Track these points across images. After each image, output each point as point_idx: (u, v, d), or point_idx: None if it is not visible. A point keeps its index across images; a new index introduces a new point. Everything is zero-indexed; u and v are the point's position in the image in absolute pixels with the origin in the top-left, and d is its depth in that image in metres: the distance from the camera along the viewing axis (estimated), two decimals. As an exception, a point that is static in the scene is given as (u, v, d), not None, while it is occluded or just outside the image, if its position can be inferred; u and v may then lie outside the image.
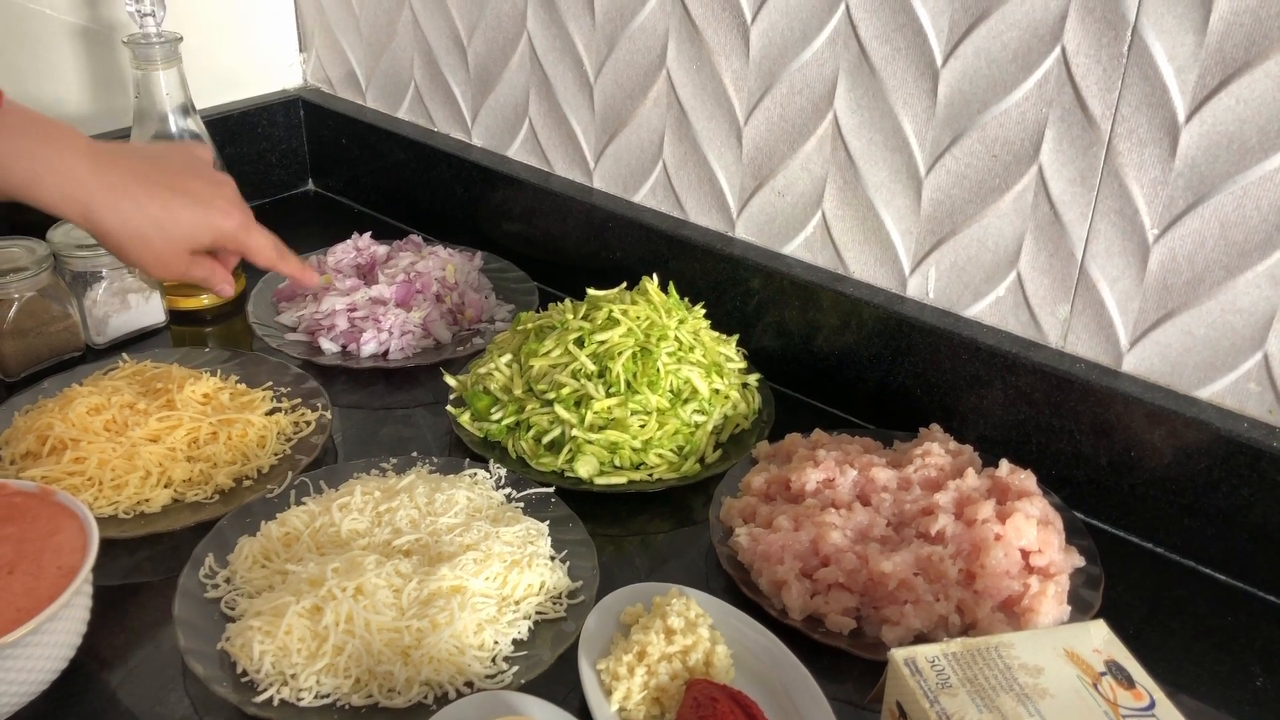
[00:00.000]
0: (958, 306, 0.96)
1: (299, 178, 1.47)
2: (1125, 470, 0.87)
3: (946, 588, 0.76)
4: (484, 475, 0.88)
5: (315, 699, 0.69)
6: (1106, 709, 0.62)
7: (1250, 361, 0.81)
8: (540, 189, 1.20)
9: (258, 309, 1.14)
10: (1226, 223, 0.79)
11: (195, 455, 0.89)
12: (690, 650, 0.71)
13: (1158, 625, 0.80)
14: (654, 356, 0.94)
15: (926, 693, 0.63)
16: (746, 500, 0.87)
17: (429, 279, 1.12)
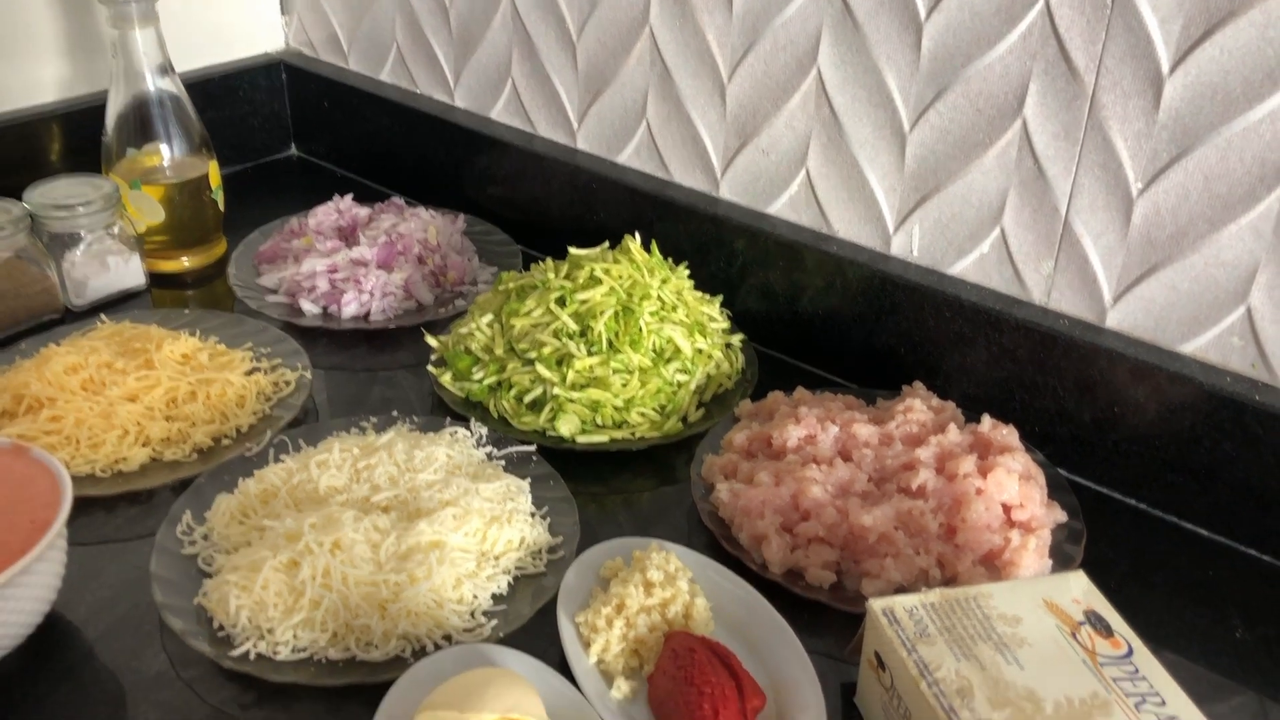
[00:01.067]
0: (942, 264, 0.95)
1: (281, 142, 1.46)
2: (1108, 427, 0.87)
3: (927, 541, 0.76)
4: (464, 433, 0.87)
5: (292, 653, 0.69)
6: (1084, 657, 0.62)
7: (1233, 315, 0.81)
8: (524, 150, 1.19)
9: (238, 271, 1.13)
10: (1210, 175, 0.78)
11: (173, 414, 0.88)
12: (669, 603, 0.71)
13: (1139, 580, 0.80)
14: (636, 315, 0.93)
15: (904, 642, 0.63)
16: (728, 457, 0.86)
17: (411, 241, 1.11)
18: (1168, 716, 0.59)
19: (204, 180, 1.14)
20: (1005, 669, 0.61)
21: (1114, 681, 0.61)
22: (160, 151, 1.13)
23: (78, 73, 1.24)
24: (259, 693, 0.68)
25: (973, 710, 0.58)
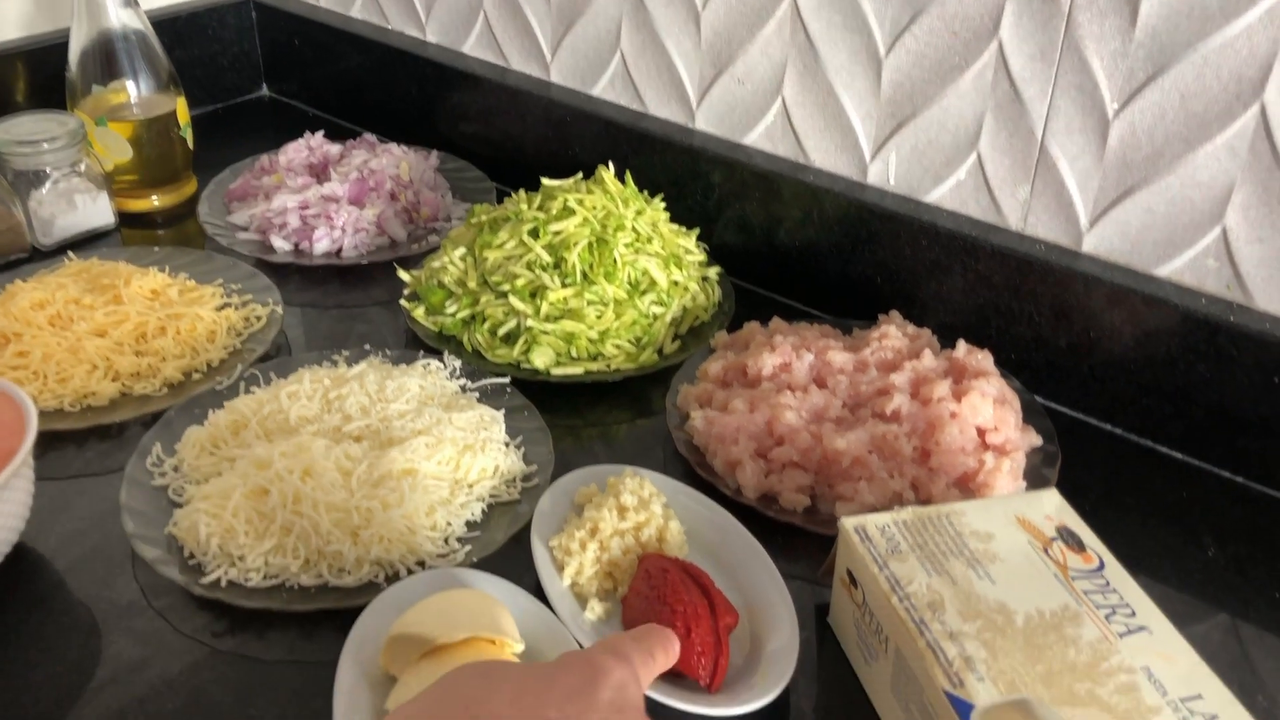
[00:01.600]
0: (918, 192, 0.94)
1: (252, 82, 1.43)
2: (1084, 352, 0.87)
3: (901, 465, 0.76)
4: (437, 365, 0.87)
5: (263, 579, 0.68)
6: (1056, 571, 0.62)
7: (1209, 237, 0.81)
8: (497, 85, 1.17)
9: (209, 209, 1.11)
10: (1186, 94, 0.78)
11: (143, 349, 0.87)
12: (643, 526, 0.71)
13: (1114, 502, 0.80)
14: (610, 247, 0.92)
15: (876, 558, 0.63)
16: (703, 386, 0.86)
17: (383, 177, 1.10)
18: (1137, 626, 0.59)
19: (172, 117, 1.12)
20: (976, 583, 0.61)
21: (1085, 594, 0.61)
22: (126, 88, 1.11)
23: (41, 8, 1.22)
24: (231, 620, 0.68)
25: (943, 623, 0.58)
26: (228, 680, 0.64)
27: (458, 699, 0.46)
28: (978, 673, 0.55)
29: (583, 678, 0.48)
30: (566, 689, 0.47)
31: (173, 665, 0.65)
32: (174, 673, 0.64)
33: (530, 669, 0.49)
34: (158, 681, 0.64)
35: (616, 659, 0.50)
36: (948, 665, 0.56)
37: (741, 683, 0.63)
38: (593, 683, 0.48)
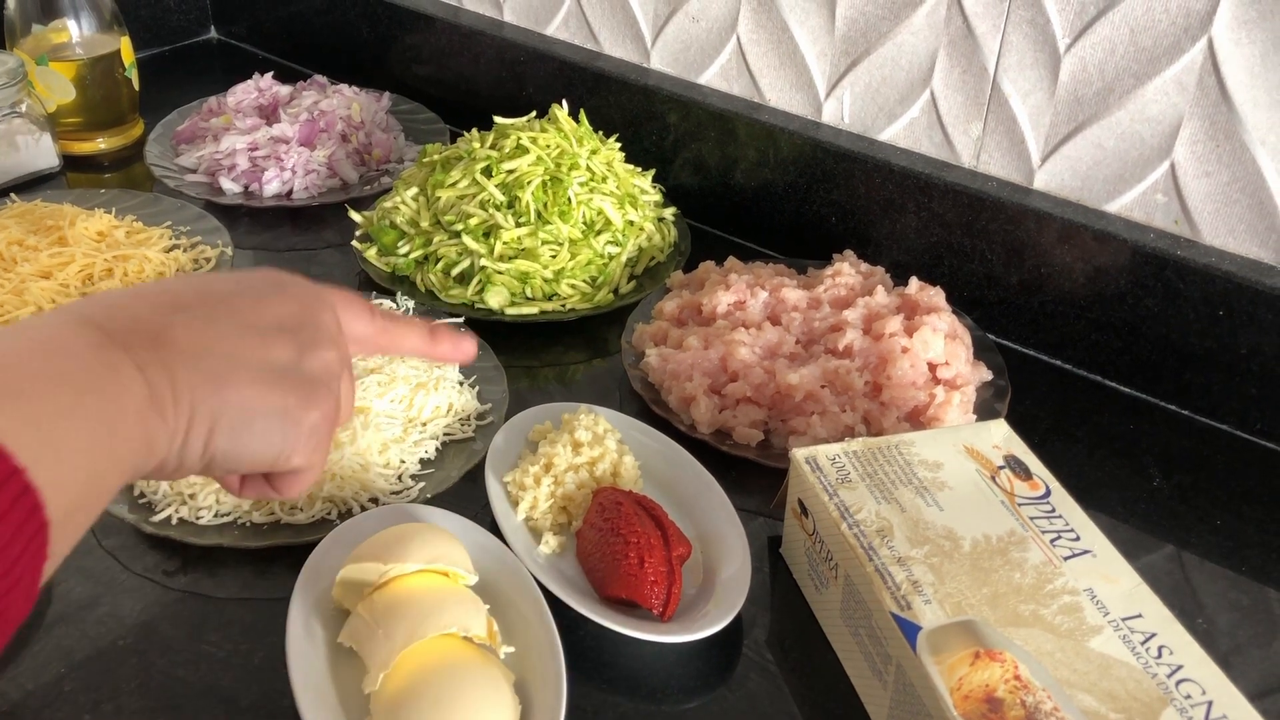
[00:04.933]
0: (872, 130, 0.94)
1: (199, 24, 1.40)
2: (1035, 289, 0.87)
3: (853, 399, 0.76)
4: (390, 305, 0.86)
5: (215, 517, 0.68)
6: (1003, 498, 0.63)
7: (1158, 171, 0.81)
8: (450, 25, 1.16)
9: (156, 151, 1.09)
10: (1136, 27, 0.78)
11: (89, 292, 0.86)
12: (597, 462, 0.71)
13: (1062, 434, 0.82)
14: (565, 186, 0.92)
15: (826, 487, 0.63)
16: (658, 325, 0.86)
17: (334, 118, 1.08)
18: (1081, 550, 0.60)
19: (116, 57, 1.10)
20: (925, 510, 0.62)
21: (1031, 520, 0.62)
22: (68, 27, 1.08)
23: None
24: (183, 558, 0.68)
25: (892, 549, 0.59)
26: (179, 617, 0.64)
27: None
28: (925, 595, 0.56)
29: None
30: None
31: (124, 603, 0.65)
32: (125, 610, 0.64)
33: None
34: (108, 619, 0.63)
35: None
36: (895, 589, 0.57)
37: (694, 611, 0.63)
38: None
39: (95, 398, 0.39)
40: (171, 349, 0.42)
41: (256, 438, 0.45)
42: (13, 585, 0.35)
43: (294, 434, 0.46)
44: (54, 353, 0.39)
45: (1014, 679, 0.52)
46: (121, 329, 0.42)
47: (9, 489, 0.34)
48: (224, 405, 0.44)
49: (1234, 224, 0.80)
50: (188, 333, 0.43)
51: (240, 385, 0.44)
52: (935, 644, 0.54)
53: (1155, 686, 0.52)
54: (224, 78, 1.23)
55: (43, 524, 0.36)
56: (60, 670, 0.60)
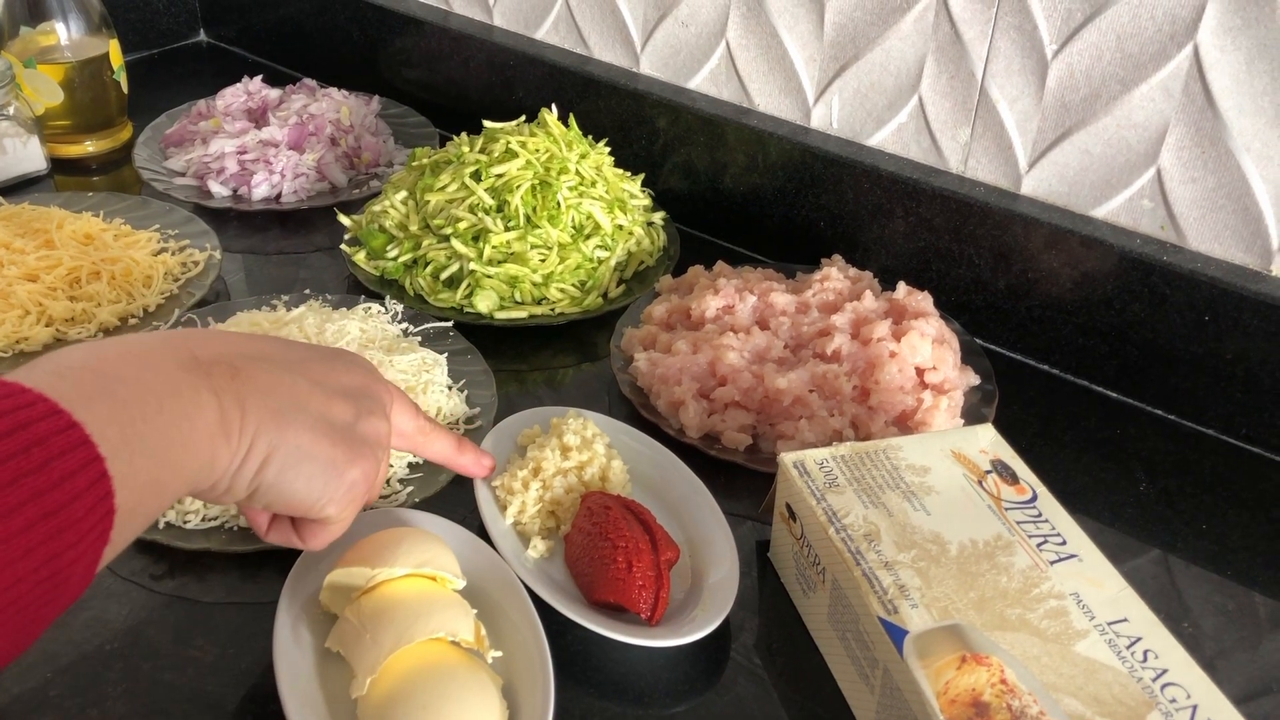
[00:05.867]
0: (861, 135, 0.95)
1: (189, 27, 1.40)
2: (1022, 293, 0.88)
3: (841, 404, 0.77)
4: (378, 309, 0.86)
5: (202, 521, 0.68)
6: (990, 503, 0.64)
7: (1144, 177, 0.82)
8: (439, 28, 1.16)
9: (144, 155, 1.09)
10: (1123, 34, 0.78)
11: (77, 294, 0.86)
12: (586, 466, 0.71)
13: (1049, 439, 0.82)
14: (554, 190, 0.92)
15: (814, 492, 0.63)
16: (647, 329, 0.86)
17: (323, 121, 1.08)
18: (1067, 554, 0.60)
19: (104, 60, 1.10)
20: (912, 515, 0.62)
21: (1017, 524, 0.62)
22: (56, 30, 1.08)
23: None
24: (170, 563, 0.67)
25: (879, 553, 0.59)
26: (166, 621, 0.64)
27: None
28: (912, 600, 0.57)
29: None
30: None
31: (110, 608, 0.64)
32: (111, 615, 0.64)
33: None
34: (95, 623, 0.63)
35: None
36: (883, 593, 0.57)
37: (682, 616, 0.63)
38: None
39: (173, 411, 0.44)
40: (247, 384, 0.48)
41: (302, 479, 0.51)
42: (78, 558, 0.39)
43: (335, 485, 0.52)
44: (146, 364, 0.45)
45: (1000, 683, 0.52)
46: (208, 357, 0.47)
47: (89, 472, 0.39)
48: (282, 442, 0.49)
49: (1219, 230, 0.80)
50: (263, 374, 0.49)
51: (300, 429, 0.50)
52: (922, 648, 0.54)
53: (1140, 690, 0.53)
54: (213, 81, 1.23)
55: (111, 510, 0.40)
56: (46, 675, 0.60)
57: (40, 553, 0.37)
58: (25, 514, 0.37)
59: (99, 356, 0.44)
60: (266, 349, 0.52)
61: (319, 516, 0.54)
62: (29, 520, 0.37)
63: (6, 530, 0.36)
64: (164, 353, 0.46)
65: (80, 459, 0.39)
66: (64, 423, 0.39)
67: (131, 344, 0.46)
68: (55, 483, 0.38)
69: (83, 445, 0.39)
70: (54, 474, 0.38)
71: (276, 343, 0.54)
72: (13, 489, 0.37)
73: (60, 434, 0.39)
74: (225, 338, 0.51)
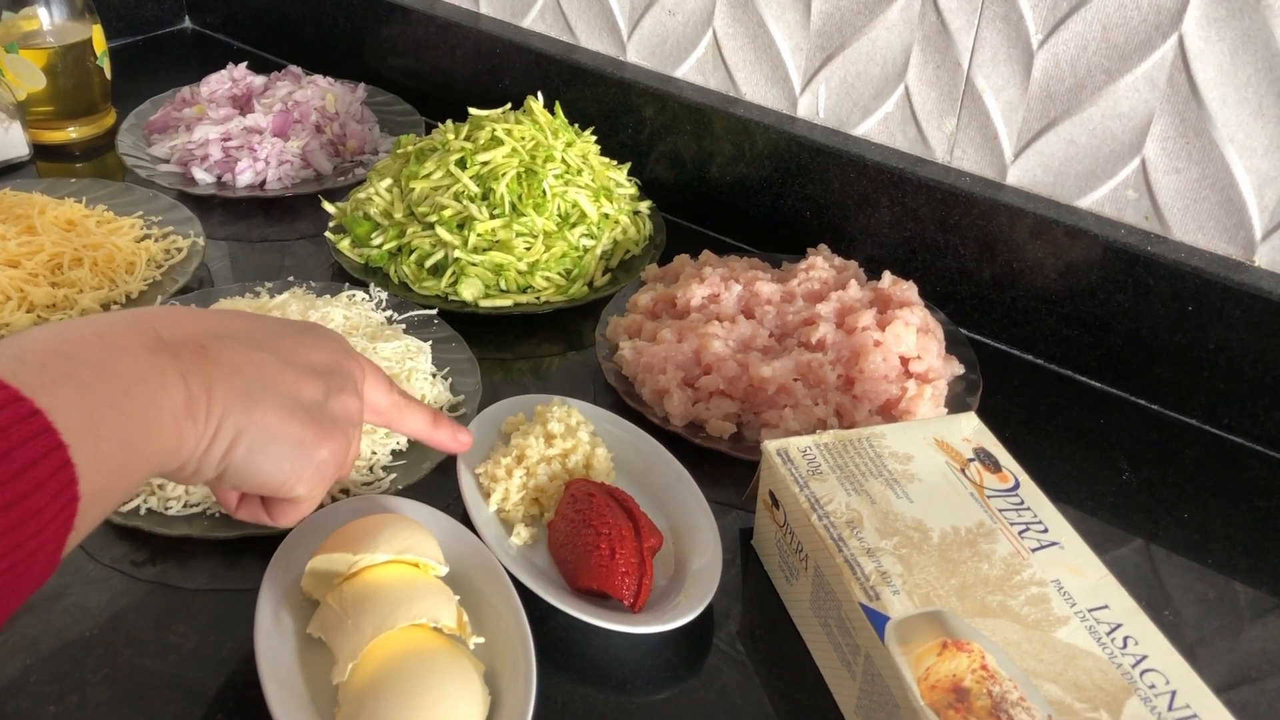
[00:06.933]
0: (847, 125, 0.95)
1: (174, 14, 1.39)
2: (1007, 284, 0.88)
3: (825, 392, 0.77)
4: (362, 296, 0.86)
5: (184, 508, 0.67)
6: (972, 491, 0.64)
7: (1129, 168, 0.82)
8: (426, 16, 1.15)
9: (128, 141, 1.08)
10: (1108, 24, 0.78)
11: (59, 281, 0.85)
12: (570, 453, 0.71)
13: (1033, 428, 0.82)
14: (539, 178, 0.91)
15: (797, 479, 0.64)
16: (633, 318, 0.86)
17: (308, 109, 1.08)
18: (1049, 542, 0.60)
19: (87, 45, 1.09)
20: (895, 502, 0.62)
21: (999, 512, 0.62)
22: (38, 15, 1.07)
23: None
24: (151, 549, 0.67)
25: (861, 540, 0.59)
26: (147, 608, 0.63)
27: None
28: (893, 586, 0.57)
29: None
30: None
31: (91, 594, 0.64)
32: (92, 602, 0.64)
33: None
34: (75, 610, 0.63)
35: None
36: (864, 580, 0.57)
37: (665, 602, 0.63)
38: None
39: (139, 394, 0.43)
40: (215, 364, 0.47)
41: (270, 459, 0.50)
42: (39, 548, 0.38)
43: (303, 464, 0.51)
44: (112, 346, 0.44)
45: (981, 669, 0.52)
46: (175, 338, 0.47)
47: (51, 460, 0.38)
48: (249, 423, 0.48)
49: (1203, 220, 0.80)
50: (232, 353, 0.49)
51: (267, 409, 0.49)
52: (903, 634, 0.54)
53: (1120, 676, 0.53)
54: (198, 68, 1.22)
55: (74, 497, 0.40)
56: (26, 661, 0.60)
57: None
58: None
59: (63, 339, 0.43)
60: (235, 326, 0.51)
61: (288, 496, 0.53)
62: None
63: None
64: (130, 335, 0.45)
65: (41, 447, 0.38)
66: (25, 410, 0.38)
67: (98, 325, 0.45)
68: (16, 473, 0.37)
69: (45, 433, 0.38)
70: (15, 464, 0.37)
71: (246, 319, 0.53)
72: None
73: (21, 422, 0.38)
74: (193, 316, 0.50)
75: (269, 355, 0.51)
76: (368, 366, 0.58)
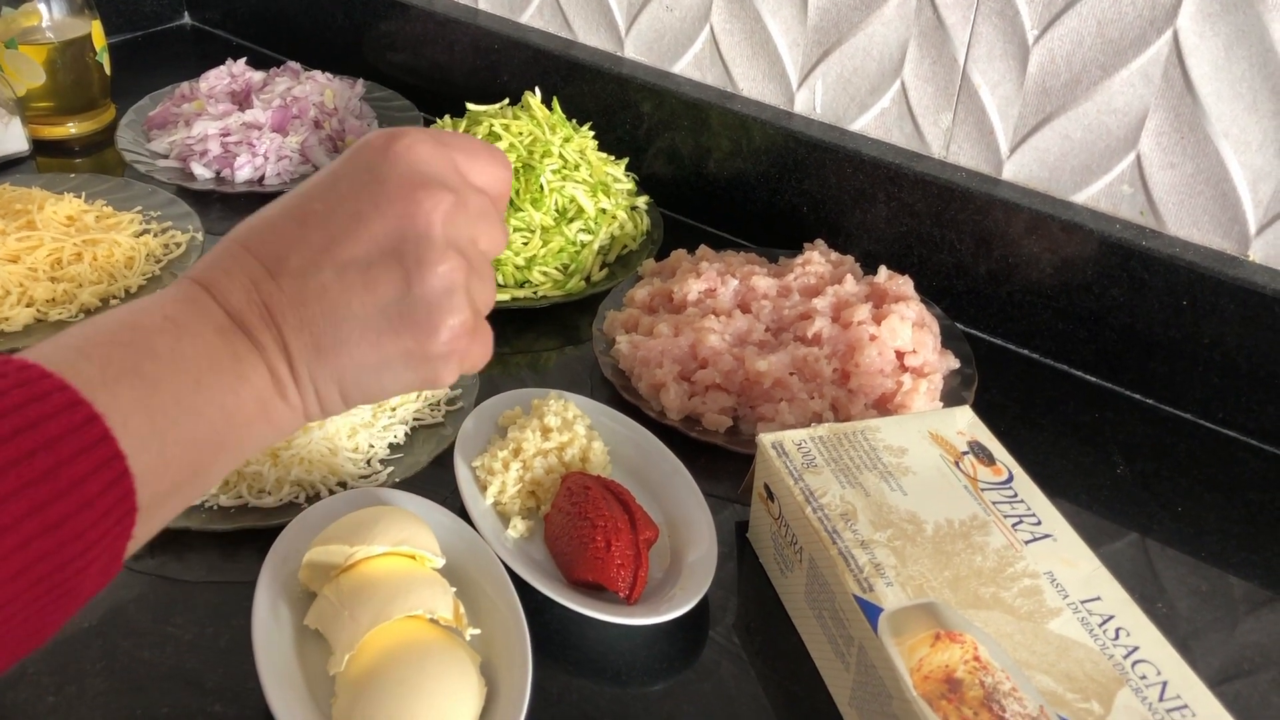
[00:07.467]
0: (844, 120, 0.95)
1: (173, 10, 1.39)
2: (1003, 279, 0.88)
3: (821, 386, 0.77)
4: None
5: (182, 500, 0.68)
6: (966, 483, 0.64)
7: (1124, 163, 0.82)
8: (425, 12, 1.15)
9: (128, 137, 1.09)
10: (1104, 19, 0.79)
11: (58, 275, 0.86)
12: (566, 447, 0.71)
13: (1028, 422, 0.82)
14: (537, 173, 0.92)
15: (792, 472, 0.64)
16: (629, 312, 0.86)
17: (306, 104, 1.08)
18: (1042, 534, 0.61)
19: (87, 41, 1.09)
20: (889, 495, 0.62)
21: (993, 505, 0.62)
22: (38, 10, 1.08)
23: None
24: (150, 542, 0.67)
25: (855, 532, 0.60)
26: (145, 599, 0.64)
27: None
28: (887, 578, 0.57)
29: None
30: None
31: (90, 586, 0.64)
32: (91, 593, 0.64)
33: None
34: (74, 602, 0.63)
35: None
36: (858, 571, 0.57)
37: (660, 594, 0.64)
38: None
39: (214, 386, 0.40)
40: (282, 322, 0.42)
41: (388, 382, 0.45)
42: (86, 566, 0.36)
43: (425, 367, 0.45)
44: (183, 331, 0.40)
45: (973, 660, 0.53)
46: (238, 306, 0.42)
47: (106, 473, 0.36)
48: (343, 369, 0.43)
49: (1198, 215, 0.81)
50: (295, 295, 0.42)
51: (351, 346, 0.43)
52: (896, 626, 0.55)
53: (1112, 667, 0.53)
54: (197, 64, 1.22)
55: (131, 509, 0.37)
56: (25, 652, 0.60)
57: (39, 569, 0.34)
58: (22, 531, 0.34)
59: (131, 326, 0.39)
60: (284, 237, 0.43)
61: (441, 386, 0.46)
62: (25, 537, 0.34)
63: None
64: (199, 318, 0.41)
65: (96, 459, 0.35)
66: (82, 417, 0.36)
67: (167, 304, 0.41)
68: (63, 491, 0.34)
69: (102, 442, 0.36)
70: (61, 482, 0.34)
71: (292, 212, 0.44)
72: (12, 503, 0.33)
73: (75, 432, 0.35)
74: (243, 250, 0.43)
75: (328, 273, 0.43)
76: (459, 153, 0.46)
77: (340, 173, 0.45)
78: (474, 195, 0.46)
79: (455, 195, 0.44)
